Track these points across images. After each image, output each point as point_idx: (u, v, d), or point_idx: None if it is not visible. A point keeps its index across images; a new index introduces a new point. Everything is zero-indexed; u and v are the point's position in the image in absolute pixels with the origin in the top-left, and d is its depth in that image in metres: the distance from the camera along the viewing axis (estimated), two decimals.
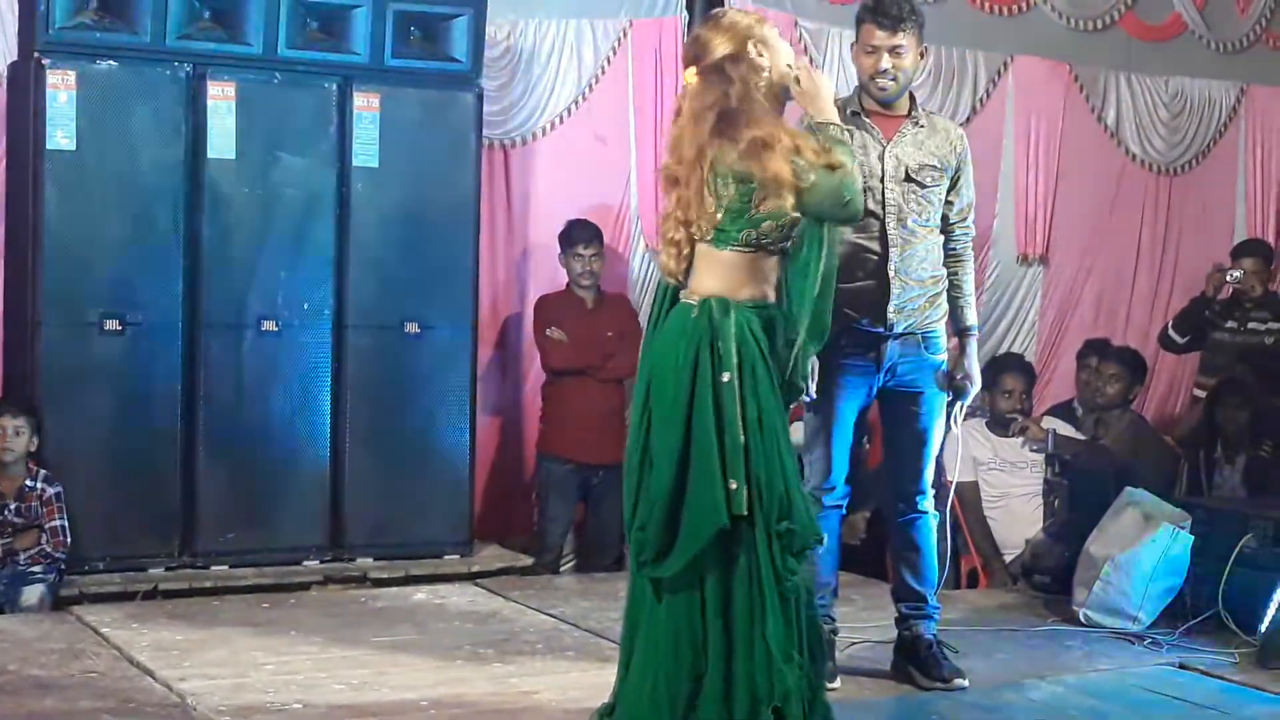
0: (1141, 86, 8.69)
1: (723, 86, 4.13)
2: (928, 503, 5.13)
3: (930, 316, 5.03)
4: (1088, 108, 8.57)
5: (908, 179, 4.95)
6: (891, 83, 4.95)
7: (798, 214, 4.12)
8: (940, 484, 6.98)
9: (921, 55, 5.04)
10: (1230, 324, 7.79)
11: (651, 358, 4.21)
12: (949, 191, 5.06)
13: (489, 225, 7.10)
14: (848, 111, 4.84)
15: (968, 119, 8.21)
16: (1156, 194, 8.78)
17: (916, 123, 5.03)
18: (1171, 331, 7.96)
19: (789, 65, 4.29)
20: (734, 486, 4.02)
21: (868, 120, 4.97)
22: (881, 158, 4.93)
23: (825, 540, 4.34)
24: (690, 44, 4.31)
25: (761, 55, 4.21)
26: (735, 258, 4.14)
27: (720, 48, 4.19)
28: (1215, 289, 7.76)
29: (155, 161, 6.18)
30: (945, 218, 5.08)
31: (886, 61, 4.92)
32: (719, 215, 4.10)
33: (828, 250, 4.24)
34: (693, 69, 4.22)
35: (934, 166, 5.00)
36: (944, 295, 5.08)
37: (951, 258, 5.11)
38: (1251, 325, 7.76)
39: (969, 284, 5.15)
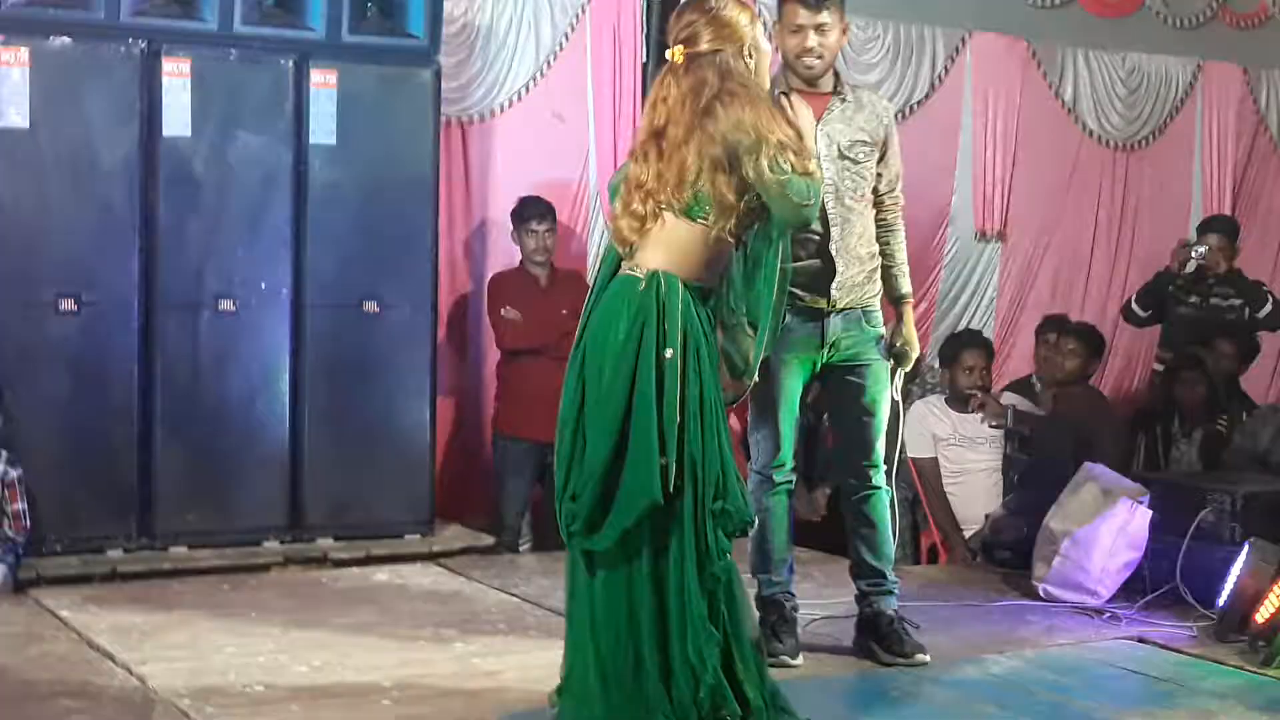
0: (1099, 63, 8.73)
1: (712, 71, 4.14)
2: (881, 477, 5.16)
3: (869, 291, 5.08)
4: (1045, 84, 8.61)
5: (841, 156, 5.00)
6: (818, 60, 4.99)
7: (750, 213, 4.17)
8: (900, 460, 7.05)
9: (844, 31, 5.08)
10: (1193, 299, 7.84)
11: (591, 327, 4.20)
12: (878, 163, 5.11)
13: (446, 202, 7.07)
14: (775, 93, 4.84)
15: (926, 95, 8.25)
16: (1114, 170, 8.84)
17: (843, 99, 5.07)
18: (1135, 305, 8.00)
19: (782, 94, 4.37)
20: (665, 464, 4.04)
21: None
22: (815, 137, 4.93)
23: (756, 523, 4.39)
24: (684, 28, 4.24)
25: (751, 58, 4.23)
26: (696, 233, 4.14)
27: (712, 44, 4.19)
28: (1180, 264, 7.80)
29: (110, 139, 6.11)
30: (875, 189, 5.12)
31: (812, 40, 4.96)
32: (690, 193, 4.12)
33: (782, 248, 4.30)
34: (680, 48, 4.21)
35: (865, 142, 5.05)
36: (879, 270, 5.13)
37: (883, 228, 5.15)
38: (1214, 301, 7.82)
39: (901, 253, 5.20)
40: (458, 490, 7.24)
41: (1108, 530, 5.98)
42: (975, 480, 7.16)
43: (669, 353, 4.05)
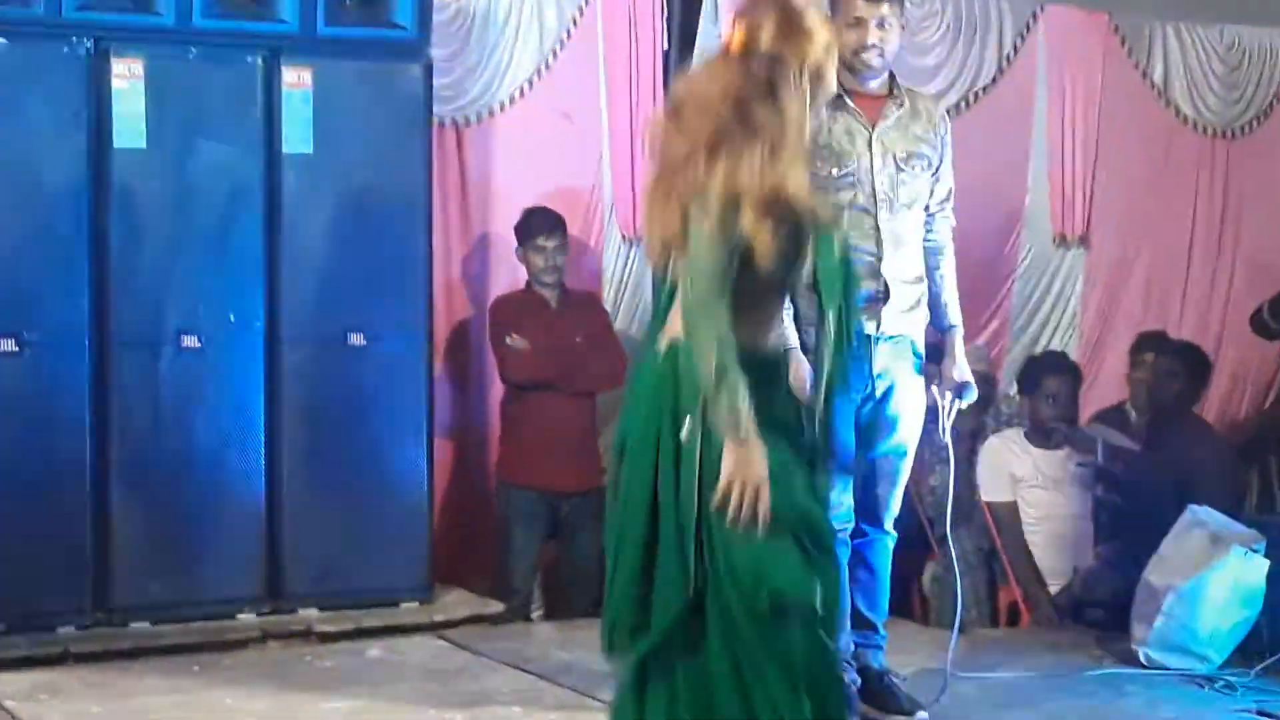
0: (1192, 37, 8.72)
1: (751, 85, 4.01)
2: (890, 521, 5.34)
3: (915, 320, 5.26)
4: (1131, 63, 8.60)
5: (897, 168, 5.18)
6: (879, 58, 5.17)
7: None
8: (974, 505, 7.07)
9: (902, 29, 5.28)
10: None
11: (622, 419, 4.19)
12: (931, 178, 5.29)
13: (441, 217, 7.10)
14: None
15: (993, 80, 8.25)
16: (1213, 160, 8.82)
17: (900, 103, 5.25)
18: (1266, 315, 7.94)
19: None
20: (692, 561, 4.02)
21: (851, 103, 5.15)
22: (869, 145, 5.14)
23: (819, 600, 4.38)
24: (752, 16, 4.00)
25: (808, 82, 4.14)
26: None
27: (772, 47, 4.07)
28: None
29: (53, 153, 6.14)
30: (925, 207, 5.29)
31: (873, 35, 5.13)
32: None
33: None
34: (741, 40, 4.09)
35: (923, 155, 5.24)
36: (924, 298, 5.29)
37: (931, 250, 5.34)
38: None
39: (951, 278, 5.39)
40: (460, 549, 7.25)
41: (1217, 584, 5.97)
42: (1061, 527, 7.14)
43: (684, 435, 4.00)
